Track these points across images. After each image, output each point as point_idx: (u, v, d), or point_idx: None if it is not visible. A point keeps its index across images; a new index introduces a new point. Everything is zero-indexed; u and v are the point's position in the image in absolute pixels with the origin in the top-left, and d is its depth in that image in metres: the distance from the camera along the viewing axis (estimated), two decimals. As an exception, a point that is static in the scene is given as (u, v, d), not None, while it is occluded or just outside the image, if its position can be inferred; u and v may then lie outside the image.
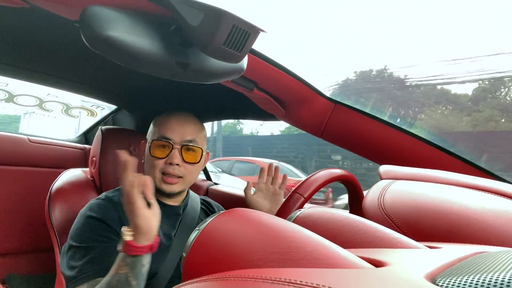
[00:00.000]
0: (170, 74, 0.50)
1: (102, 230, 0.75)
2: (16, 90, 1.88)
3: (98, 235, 0.74)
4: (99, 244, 0.73)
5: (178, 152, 0.80)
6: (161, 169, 0.80)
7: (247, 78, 0.76)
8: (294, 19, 36.39)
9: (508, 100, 12.34)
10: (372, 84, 12.42)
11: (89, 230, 0.75)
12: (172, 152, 0.80)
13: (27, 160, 1.43)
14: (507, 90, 12.29)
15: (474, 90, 12.30)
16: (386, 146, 0.83)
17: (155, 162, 0.80)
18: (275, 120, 1.01)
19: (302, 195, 0.70)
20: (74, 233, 0.76)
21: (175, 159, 0.79)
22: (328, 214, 0.37)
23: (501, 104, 11.88)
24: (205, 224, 0.28)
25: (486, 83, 11.71)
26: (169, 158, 0.80)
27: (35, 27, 0.77)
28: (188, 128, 0.83)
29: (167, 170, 0.80)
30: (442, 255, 0.26)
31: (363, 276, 0.20)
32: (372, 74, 13.42)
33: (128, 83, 1.18)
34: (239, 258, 0.24)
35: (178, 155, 0.80)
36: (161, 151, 0.81)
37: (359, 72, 13.67)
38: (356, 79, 13.15)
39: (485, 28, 24.95)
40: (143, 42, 0.44)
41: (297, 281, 0.18)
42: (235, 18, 0.43)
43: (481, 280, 0.17)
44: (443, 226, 0.42)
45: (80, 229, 0.76)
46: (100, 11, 0.41)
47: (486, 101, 11.91)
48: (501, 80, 11.21)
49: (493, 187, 0.48)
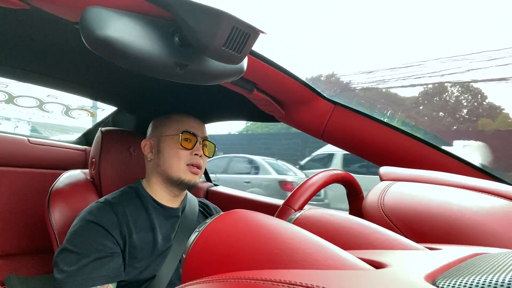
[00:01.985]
0: (169, 75, 0.50)
1: (99, 236, 0.75)
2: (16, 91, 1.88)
3: (94, 242, 0.74)
4: (93, 253, 0.72)
5: (201, 145, 0.88)
6: (187, 160, 0.85)
7: (247, 79, 0.76)
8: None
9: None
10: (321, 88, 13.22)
11: (85, 235, 0.75)
12: (197, 144, 0.87)
13: (27, 161, 1.43)
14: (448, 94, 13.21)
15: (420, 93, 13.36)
16: (386, 147, 0.83)
17: (183, 153, 0.85)
18: (275, 121, 1.01)
19: (302, 195, 0.69)
20: (70, 236, 0.76)
21: (200, 151, 0.87)
22: (328, 215, 0.37)
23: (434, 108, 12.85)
24: (204, 226, 0.28)
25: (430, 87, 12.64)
26: (195, 149, 0.86)
27: (35, 29, 0.77)
28: (203, 126, 0.92)
29: (193, 161, 0.86)
30: (441, 256, 0.26)
31: (363, 278, 0.20)
32: (322, 79, 14.28)
33: (128, 84, 1.18)
34: (238, 260, 0.24)
35: (201, 148, 0.88)
36: (188, 143, 0.86)
37: (310, 78, 14.36)
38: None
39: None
40: (143, 44, 0.44)
41: (297, 282, 0.18)
42: (235, 20, 0.43)
43: (481, 282, 0.17)
44: (443, 228, 0.42)
45: (76, 232, 0.76)
46: (100, 13, 0.42)
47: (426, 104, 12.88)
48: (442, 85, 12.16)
49: (492, 189, 0.48)
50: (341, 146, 0.91)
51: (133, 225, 0.80)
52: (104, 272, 0.72)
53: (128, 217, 0.80)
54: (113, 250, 0.75)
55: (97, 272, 0.71)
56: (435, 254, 0.28)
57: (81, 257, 0.72)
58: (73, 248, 0.73)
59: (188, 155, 0.85)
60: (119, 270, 0.75)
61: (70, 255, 0.73)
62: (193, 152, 0.86)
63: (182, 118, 0.89)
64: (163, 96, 1.22)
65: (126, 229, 0.78)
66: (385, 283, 0.19)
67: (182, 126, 0.87)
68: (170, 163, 0.85)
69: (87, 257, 0.72)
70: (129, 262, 0.77)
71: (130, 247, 0.78)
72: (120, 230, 0.77)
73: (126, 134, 1.10)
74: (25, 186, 1.39)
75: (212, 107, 1.21)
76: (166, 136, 0.87)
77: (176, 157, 0.84)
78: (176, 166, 0.84)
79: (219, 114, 1.27)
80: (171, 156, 0.85)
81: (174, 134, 0.86)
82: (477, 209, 0.45)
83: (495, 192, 0.47)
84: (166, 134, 0.87)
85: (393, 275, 0.21)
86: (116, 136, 1.06)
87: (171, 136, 0.86)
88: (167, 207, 0.87)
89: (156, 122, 0.92)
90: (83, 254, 0.72)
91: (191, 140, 0.86)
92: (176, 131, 0.86)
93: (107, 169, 1.02)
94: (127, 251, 0.77)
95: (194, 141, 0.86)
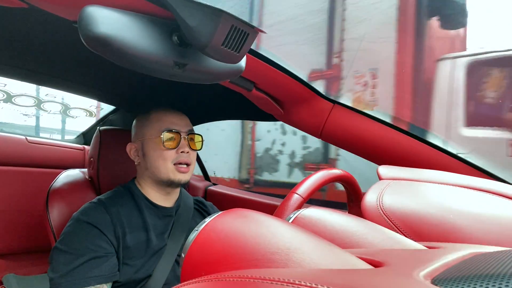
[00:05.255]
0: (168, 74, 0.50)
1: (93, 237, 0.74)
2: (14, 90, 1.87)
3: (88, 242, 0.73)
4: (88, 253, 0.72)
5: (185, 141, 0.84)
6: (173, 160, 0.82)
7: (246, 78, 0.76)
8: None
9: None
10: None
11: (79, 236, 0.74)
12: (182, 141, 0.83)
13: (26, 161, 1.43)
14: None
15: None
16: (385, 146, 0.83)
17: (168, 154, 0.82)
18: (274, 120, 1.01)
19: (301, 196, 0.70)
20: (64, 236, 0.75)
21: (186, 148, 0.84)
22: (327, 214, 0.37)
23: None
24: (203, 225, 0.28)
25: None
26: (180, 147, 0.83)
27: (33, 28, 0.77)
28: (185, 120, 0.88)
29: (180, 159, 0.83)
30: (441, 255, 0.26)
31: (361, 277, 0.20)
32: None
33: (126, 83, 1.18)
34: (237, 259, 0.24)
35: (186, 144, 0.84)
36: (171, 142, 0.82)
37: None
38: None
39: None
40: (142, 43, 0.44)
41: (295, 281, 0.18)
42: (233, 19, 0.43)
43: (480, 281, 0.17)
44: (442, 227, 0.42)
45: (71, 233, 0.75)
46: (98, 11, 0.41)
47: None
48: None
49: (491, 188, 0.48)
50: (339, 145, 0.91)
51: (127, 225, 0.79)
52: (98, 272, 0.71)
53: (122, 217, 0.79)
54: (107, 250, 0.75)
55: (91, 272, 0.70)
56: (434, 253, 0.28)
57: (75, 257, 0.71)
58: (67, 248, 0.73)
59: (174, 154, 0.83)
60: (113, 270, 0.74)
61: (65, 255, 0.72)
62: (178, 151, 0.83)
63: (160, 116, 0.85)
64: (162, 95, 1.22)
65: (120, 229, 0.78)
66: (384, 282, 0.19)
67: (162, 124, 0.83)
68: (157, 166, 0.83)
69: (82, 257, 0.71)
70: (124, 262, 0.77)
71: (124, 247, 0.78)
72: (114, 230, 0.77)
73: (125, 133, 1.10)
74: (23, 185, 1.39)
75: (211, 106, 1.21)
76: (148, 138, 0.84)
77: (161, 159, 0.82)
78: (164, 167, 0.82)
79: (218, 113, 1.27)
80: (156, 158, 0.83)
81: (155, 136, 0.83)
82: (476, 208, 0.45)
83: (494, 191, 0.47)
84: (147, 136, 0.84)
85: (392, 274, 0.21)
86: (115, 135, 1.06)
87: (153, 139, 0.83)
88: (160, 207, 0.87)
89: (137, 123, 0.89)
90: (77, 254, 0.71)
91: (175, 138, 0.83)
92: (157, 132, 0.83)
93: (105, 168, 1.02)
94: (121, 251, 0.77)
95: (178, 139, 0.83)
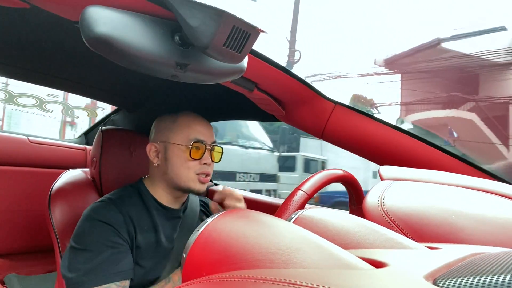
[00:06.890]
0: (169, 75, 0.50)
1: (109, 234, 0.74)
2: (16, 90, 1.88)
3: (106, 239, 0.73)
4: (107, 249, 0.71)
5: (209, 153, 0.84)
6: (196, 170, 0.82)
7: (247, 78, 0.76)
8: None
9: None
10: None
11: (96, 233, 0.73)
12: (206, 153, 0.83)
13: (27, 161, 1.43)
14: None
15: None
16: (386, 146, 0.82)
17: (192, 164, 0.82)
18: (276, 120, 1.01)
19: (306, 192, 0.70)
20: (79, 236, 0.74)
21: (208, 159, 0.84)
22: (328, 215, 0.37)
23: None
24: (205, 225, 0.28)
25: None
26: (204, 159, 0.83)
27: (35, 28, 0.77)
28: (211, 130, 0.88)
29: (203, 170, 0.83)
30: (442, 256, 0.26)
31: (363, 277, 0.20)
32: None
33: (128, 83, 1.18)
34: (239, 259, 0.24)
35: (209, 156, 0.84)
36: (197, 152, 0.82)
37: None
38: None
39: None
40: (143, 43, 0.44)
41: (297, 282, 0.18)
42: (235, 19, 0.43)
43: (481, 282, 0.17)
44: (443, 227, 0.42)
45: (86, 232, 0.74)
46: (99, 11, 0.41)
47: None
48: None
49: (493, 188, 0.48)
50: (341, 146, 0.91)
51: (137, 225, 0.79)
52: (122, 268, 0.71)
53: (132, 217, 0.79)
54: (125, 247, 0.74)
55: (115, 268, 0.70)
56: (435, 254, 0.28)
57: (95, 255, 0.70)
58: (84, 246, 0.72)
59: (198, 164, 0.82)
60: (132, 267, 0.74)
61: (83, 253, 0.71)
62: (202, 162, 0.82)
63: (190, 123, 0.83)
64: (163, 95, 1.22)
65: (132, 229, 0.77)
66: (385, 283, 0.19)
67: (191, 133, 0.82)
68: (179, 173, 0.82)
69: (102, 254, 0.70)
70: (136, 262, 0.77)
71: (136, 247, 0.77)
72: (127, 229, 0.76)
73: (126, 133, 1.10)
74: (25, 185, 1.40)
75: (212, 106, 1.21)
76: (173, 144, 0.82)
77: (185, 167, 0.81)
78: (185, 176, 0.81)
79: (219, 113, 1.27)
80: (179, 165, 0.82)
81: (183, 144, 0.81)
82: (478, 208, 0.45)
83: (495, 192, 0.47)
84: (173, 141, 0.82)
85: (393, 275, 0.21)
86: (117, 135, 1.06)
87: (179, 145, 0.82)
88: (169, 208, 0.86)
89: (161, 124, 0.87)
90: (97, 252, 0.71)
91: (200, 149, 0.82)
92: (185, 140, 0.82)
93: (107, 168, 1.02)
94: (134, 251, 0.77)
95: (203, 150, 0.83)
